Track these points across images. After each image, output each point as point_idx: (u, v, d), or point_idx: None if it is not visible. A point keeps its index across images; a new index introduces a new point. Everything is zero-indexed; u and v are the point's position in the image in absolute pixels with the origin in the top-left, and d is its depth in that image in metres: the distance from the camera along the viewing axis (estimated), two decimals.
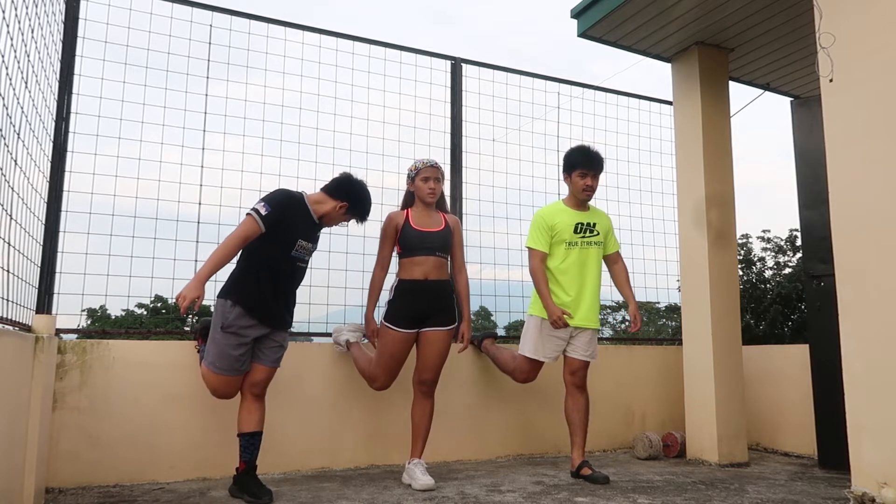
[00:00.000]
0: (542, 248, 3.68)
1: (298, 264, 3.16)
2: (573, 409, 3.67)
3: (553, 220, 3.70)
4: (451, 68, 4.62)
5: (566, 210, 3.76)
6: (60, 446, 3.20)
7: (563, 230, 3.68)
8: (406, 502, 2.96)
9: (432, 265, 3.45)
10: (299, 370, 3.71)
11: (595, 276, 3.73)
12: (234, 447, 3.44)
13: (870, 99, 2.77)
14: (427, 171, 3.50)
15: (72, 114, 3.54)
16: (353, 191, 3.22)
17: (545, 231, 3.69)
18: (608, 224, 3.87)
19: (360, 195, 3.23)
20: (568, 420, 3.69)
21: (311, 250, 3.24)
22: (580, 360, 3.66)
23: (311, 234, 3.17)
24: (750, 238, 11.11)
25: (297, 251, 3.11)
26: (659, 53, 4.57)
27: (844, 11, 2.89)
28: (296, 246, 3.09)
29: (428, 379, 3.45)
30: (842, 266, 2.83)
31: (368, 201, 3.27)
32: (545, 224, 3.70)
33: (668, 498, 3.09)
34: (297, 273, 3.19)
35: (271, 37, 4.07)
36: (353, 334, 3.82)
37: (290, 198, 3.10)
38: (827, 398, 3.85)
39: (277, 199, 3.03)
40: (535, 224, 3.73)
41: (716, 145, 4.40)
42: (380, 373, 3.50)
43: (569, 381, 3.68)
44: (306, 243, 3.15)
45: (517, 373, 3.86)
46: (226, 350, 2.97)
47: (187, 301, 2.73)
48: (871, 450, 2.65)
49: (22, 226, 2.69)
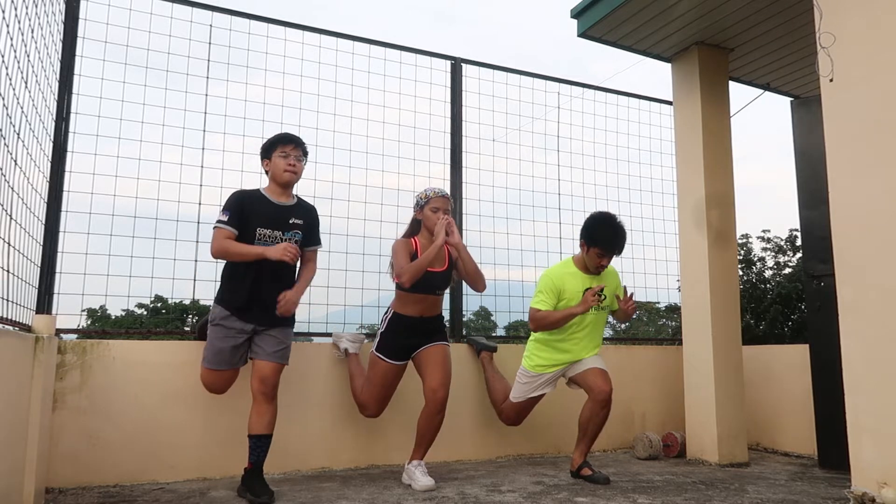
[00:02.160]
0: (547, 308, 3.61)
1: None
2: (590, 421, 3.56)
3: (563, 284, 3.64)
4: (451, 68, 4.62)
5: (576, 274, 3.68)
6: (60, 446, 3.20)
7: (571, 297, 3.62)
8: (406, 502, 2.97)
9: (430, 303, 3.45)
10: (299, 370, 3.71)
11: (595, 335, 3.72)
12: (234, 447, 3.45)
13: (870, 99, 2.77)
14: (437, 202, 3.41)
15: (72, 114, 3.54)
16: (264, 145, 3.25)
17: (553, 294, 3.62)
18: (616, 283, 3.81)
19: (268, 140, 3.24)
20: (581, 426, 3.62)
21: (286, 240, 3.15)
22: (600, 367, 3.62)
23: (274, 220, 3.12)
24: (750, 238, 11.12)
25: (260, 240, 3.09)
26: (659, 53, 4.57)
27: (844, 11, 2.89)
28: (256, 235, 3.08)
29: (439, 385, 3.34)
30: (842, 266, 2.83)
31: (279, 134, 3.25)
32: (554, 287, 3.63)
33: (668, 498, 3.09)
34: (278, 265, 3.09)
35: (271, 37, 4.07)
36: (353, 345, 3.81)
37: (243, 195, 3.17)
38: (827, 398, 3.85)
39: (232, 200, 3.12)
40: (544, 286, 3.65)
41: (716, 145, 4.40)
42: (371, 402, 3.52)
43: (596, 394, 3.55)
44: (269, 231, 3.11)
45: (504, 416, 3.93)
46: (215, 343, 3.11)
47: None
48: (871, 450, 2.65)
49: (22, 226, 2.70)
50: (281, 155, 3.18)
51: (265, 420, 3.04)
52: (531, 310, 3.65)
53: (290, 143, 3.22)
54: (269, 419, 3.05)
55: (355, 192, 4.17)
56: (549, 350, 3.70)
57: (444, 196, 3.46)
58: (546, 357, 3.71)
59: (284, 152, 3.19)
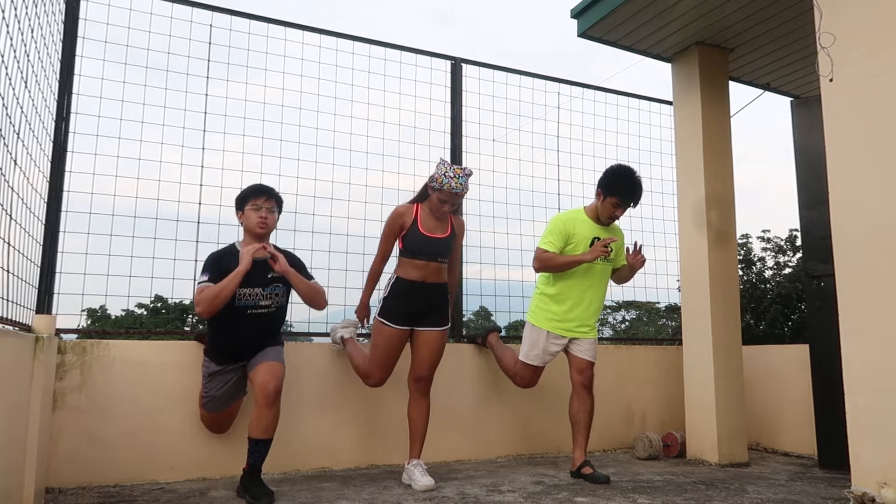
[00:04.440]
0: (554, 251, 3.62)
1: (250, 312, 3.10)
2: (579, 410, 3.64)
3: (573, 229, 3.65)
4: (451, 68, 4.62)
5: (587, 221, 3.71)
6: (60, 446, 3.20)
7: (579, 242, 3.64)
8: (406, 502, 2.96)
9: (432, 270, 3.44)
10: (299, 370, 3.71)
11: (600, 292, 3.72)
12: (234, 447, 3.45)
13: (870, 99, 2.77)
14: (446, 196, 3.36)
15: (72, 114, 3.54)
16: (237, 197, 3.23)
17: (562, 237, 3.63)
18: (622, 241, 3.84)
19: (241, 193, 3.23)
20: (572, 420, 3.68)
21: (267, 295, 3.14)
22: (587, 359, 3.66)
23: (251, 278, 3.05)
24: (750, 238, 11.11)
25: (240, 301, 3.07)
26: (659, 53, 4.57)
27: (844, 11, 2.89)
28: (237, 296, 3.04)
29: (423, 376, 3.45)
30: (842, 266, 2.83)
31: (246, 187, 3.23)
32: (564, 230, 3.64)
33: (668, 498, 3.09)
34: (258, 320, 3.12)
35: (271, 37, 4.07)
36: (347, 330, 3.82)
37: (218, 254, 3.16)
38: (827, 398, 3.85)
39: (208, 261, 3.11)
40: (554, 227, 3.67)
41: (716, 145, 4.40)
42: (374, 369, 3.50)
43: (576, 381, 3.66)
44: (249, 290, 3.08)
45: (518, 378, 3.89)
46: (211, 392, 3.23)
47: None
48: (871, 450, 2.65)
49: (22, 226, 2.70)
50: (253, 208, 3.14)
51: (264, 424, 3.00)
52: (538, 250, 3.67)
53: (262, 195, 3.17)
54: (268, 424, 3.00)
55: (355, 192, 4.18)
56: (557, 304, 3.67)
57: (457, 193, 3.36)
58: (553, 312, 3.67)
59: (256, 205, 3.15)
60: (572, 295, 3.66)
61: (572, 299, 3.66)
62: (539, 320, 3.72)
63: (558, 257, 3.61)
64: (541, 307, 3.75)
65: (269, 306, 3.16)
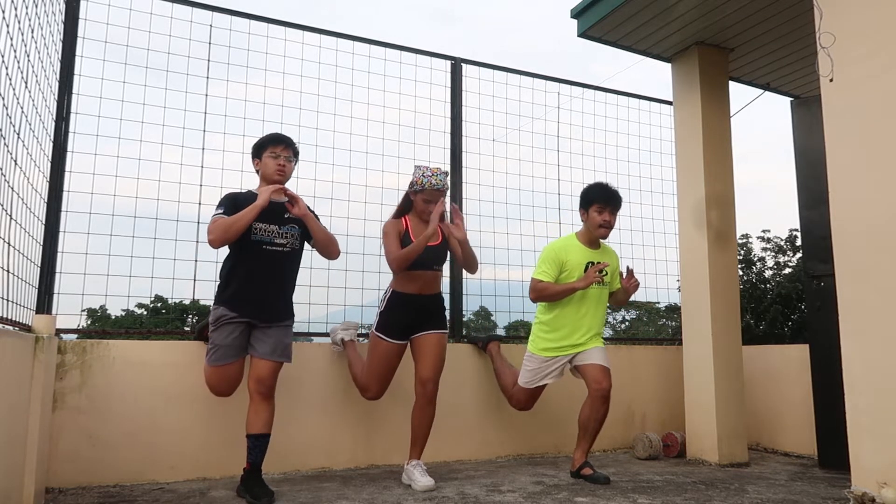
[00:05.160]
0: (548, 280, 3.63)
1: (266, 248, 3.09)
2: (590, 418, 3.57)
3: (565, 256, 3.66)
4: (451, 68, 4.62)
5: (578, 247, 3.72)
6: (60, 446, 3.20)
7: (573, 268, 3.64)
8: (406, 502, 2.97)
9: (428, 280, 3.44)
10: (299, 370, 3.71)
11: (595, 317, 3.70)
12: (234, 447, 3.45)
13: (870, 99, 2.77)
14: (430, 195, 3.39)
15: (72, 114, 3.54)
16: (255, 144, 3.26)
17: (555, 265, 3.64)
18: (616, 263, 3.84)
19: (259, 140, 3.25)
20: (581, 425, 3.62)
21: (283, 233, 3.15)
22: (601, 364, 3.60)
23: (268, 214, 3.08)
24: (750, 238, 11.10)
25: (256, 234, 3.08)
26: (659, 53, 4.57)
27: (844, 11, 2.89)
28: (253, 230, 3.06)
29: (428, 378, 3.40)
30: (842, 266, 2.83)
31: (265, 135, 3.26)
32: (557, 258, 3.65)
33: (668, 498, 3.09)
34: (274, 259, 3.11)
35: (271, 37, 4.07)
36: (347, 332, 3.82)
37: (235, 193, 3.20)
38: (827, 398, 3.85)
39: (224, 198, 3.14)
40: (546, 257, 3.68)
41: (716, 145, 4.40)
42: (372, 383, 3.52)
43: (593, 389, 3.56)
44: (265, 224, 3.09)
45: (513, 400, 3.93)
46: (216, 342, 3.09)
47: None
48: (871, 450, 2.65)
49: (22, 226, 2.70)
50: (271, 156, 3.18)
51: (262, 419, 3.03)
52: (532, 280, 3.68)
53: (281, 143, 3.21)
54: (266, 418, 3.04)
55: (355, 192, 4.18)
56: (553, 331, 3.68)
57: (439, 189, 3.39)
58: (551, 337, 3.69)
59: (275, 153, 3.18)
60: (567, 322, 3.67)
61: (568, 326, 3.67)
62: (538, 349, 3.74)
63: (553, 286, 3.61)
64: (539, 335, 3.76)
65: (283, 245, 3.15)
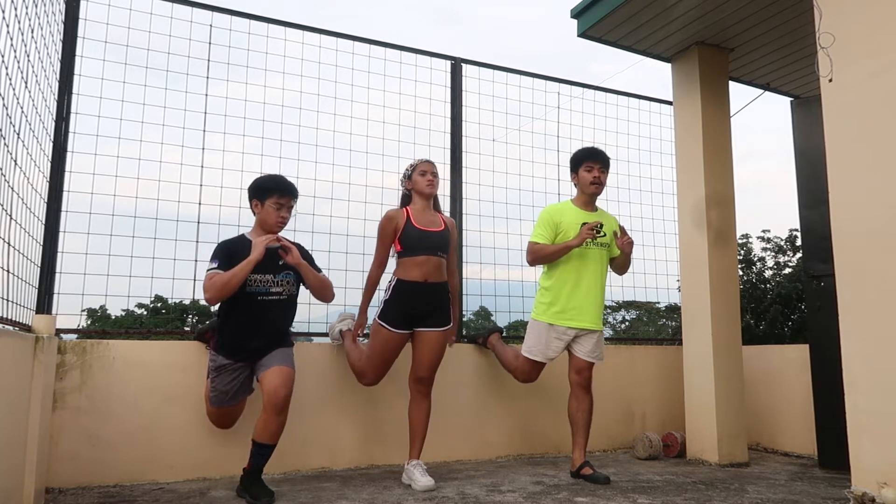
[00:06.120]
0: (544, 242, 3.66)
1: (261, 298, 3.09)
2: (577, 410, 3.65)
3: (560, 218, 3.69)
4: (451, 68, 4.62)
5: (573, 209, 3.76)
6: (60, 446, 3.20)
7: (568, 228, 3.66)
8: (406, 502, 2.97)
9: (433, 266, 3.44)
10: (299, 370, 3.68)
11: (597, 278, 3.70)
12: (234, 447, 3.45)
13: (869, 99, 2.77)
14: (424, 166, 3.53)
15: (72, 114, 3.54)
16: (252, 185, 3.21)
17: (550, 227, 3.67)
18: (614, 225, 3.83)
19: (258, 182, 3.21)
20: (571, 420, 3.68)
21: (279, 282, 3.14)
22: (586, 360, 3.65)
23: (263, 265, 3.06)
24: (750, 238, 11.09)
25: (251, 286, 3.06)
26: (659, 53, 4.57)
27: (844, 11, 2.89)
28: (247, 282, 3.04)
29: (424, 377, 3.44)
30: (842, 266, 2.83)
31: (269, 178, 3.22)
32: (551, 220, 3.68)
33: (668, 498, 3.09)
34: (270, 308, 3.11)
35: (271, 37, 4.07)
36: (344, 323, 3.84)
37: (228, 242, 3.15)
38: (827, 398, 3.85)
39: (218, 249, 3.10)
40: (541, 219, 3.73)
41: (716, 145, 4.40)
42: (369, 370, 3.52)
43: (574, 381, 3.67)
44: (260, 276, 3.08)
45: (518, 372, 3.88)
46: (218, 388, 3.15)
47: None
48: (871, 450, 2.65)
49: (22, 226, 2.70)
50: (275, 206, 3.15)
51: (270, 430, 2.99)
52: (529, 243, 3.72)
53: (288, 194, 3.19)
54: (274, 430, 3.00)
55: (355, 192, 4.18)
56: (555, 295, 3.67)
57: (428, 160, 3.57)
58: (552, 303, 3.67)
59: (279, 203, 3.15)
60: (568, 281, 3.66)
61: (569, 285, 3.65)
62: (539, 314, 3.73)
63: (548, 246, 3.64)
64: (541, 301, 3.75)
65: (280, 293, 3.15)
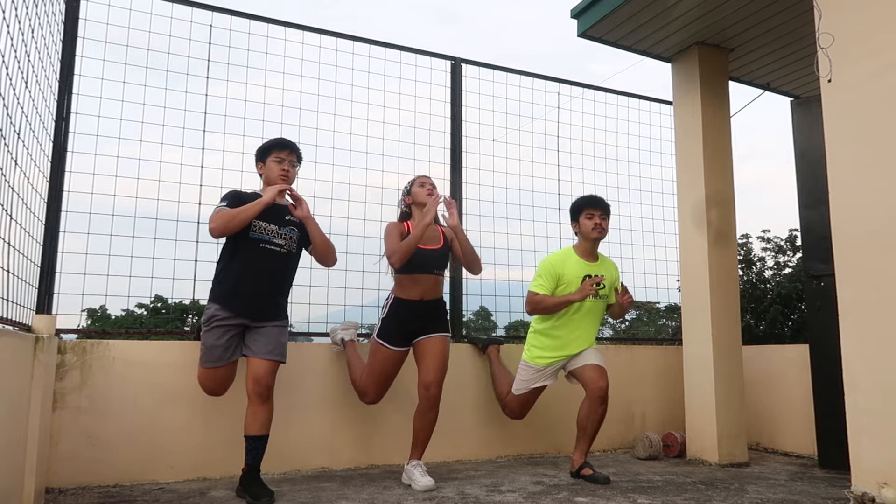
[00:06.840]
0: (545, 293, 3.63)
1: (263, 246, 3.10)
2: (588, 418, 3.58)
3: (562, 269, 3.66)
4: (451, 68, 4.62)
5: (576, 259, 3.71)
6: (60, 446, 3.20)
7: (570, 281, 3.64)
8: (406, 502, 2.97)
9: (430, 284, 3.44)
10: (299, 370, 3.71)
11: (592, 326, 3.72)
12: (234, 447, 3.45)
13: (869, 99, 2.77)
14: (422, 178, 3.55)
15: (72, 114, 3.54)
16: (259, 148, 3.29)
17: (552, 278, 3.64)
18: (615, 275, 3.82)
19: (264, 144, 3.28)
20: (579, 425, 3.62)
21: (282, 234, 3.16)
22: (596, 364, 3.61)
23: (269, 213, 3.10)
24: (750, 238, 11.10)
25: (255, 232, 3.08)
26: (659, 53, 4.57)
27: (844, 11, 2.89)
28: (252, 227, 3.07)
29: (431, 381, 3.36)
30: (842, 266, 2.83)
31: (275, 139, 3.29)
32: (553, 271, 3.65)
33: (668, 498, 3.09)
34: (270, 258, 3.11)
35: (271, 37, 4.07)
36: (347, 332, 3.83)
37: (239, 191, 3.22)
38: (827, 398, 3.85)
39: (229, 193, 3.17)
40: (543, 270, 3.68)
41: (716, 145, 4.40)
42: (370, 388, 3.53)
43: (591, 389, 3.56)
44: (265, 224, 3.11)
45: (506, 409, 3.96)
46: (208, 342, 3.09)
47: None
48: (871, 450, 2.65)
49: (22, 226, 2.70)
50: (275, 160, 3.21)
51: (260, 420, 3.02)
52: (529, 293, 3.69)
53: (286, 148, 3.24)
54: (263, 419, 3.02)
55: (355, 192, 4.18)
56: (548, 339, 3.70)
57: (425, 175, 3.60)
58: (545, 346, 3.70)
59: (279, 158, 3.22)
60: (563, 333, 3.68)
61: (563, 337, 3.68)
62: (531, 357, 3.76)
63: (549, 299, 3.62)
64: (533, 345, 3.78)
65: (281, 246, 3.16)
